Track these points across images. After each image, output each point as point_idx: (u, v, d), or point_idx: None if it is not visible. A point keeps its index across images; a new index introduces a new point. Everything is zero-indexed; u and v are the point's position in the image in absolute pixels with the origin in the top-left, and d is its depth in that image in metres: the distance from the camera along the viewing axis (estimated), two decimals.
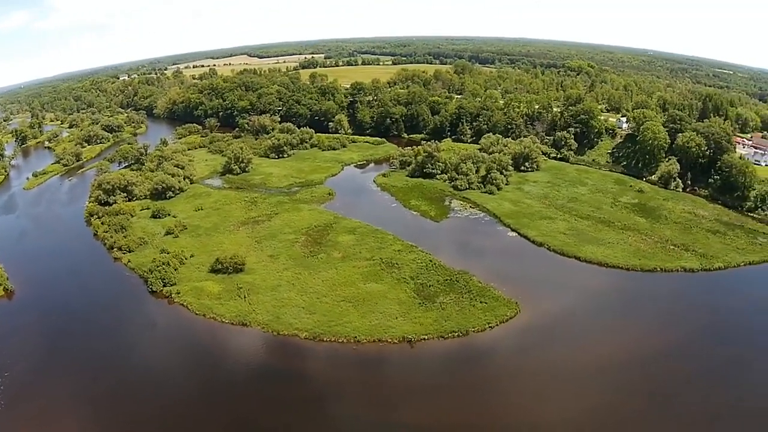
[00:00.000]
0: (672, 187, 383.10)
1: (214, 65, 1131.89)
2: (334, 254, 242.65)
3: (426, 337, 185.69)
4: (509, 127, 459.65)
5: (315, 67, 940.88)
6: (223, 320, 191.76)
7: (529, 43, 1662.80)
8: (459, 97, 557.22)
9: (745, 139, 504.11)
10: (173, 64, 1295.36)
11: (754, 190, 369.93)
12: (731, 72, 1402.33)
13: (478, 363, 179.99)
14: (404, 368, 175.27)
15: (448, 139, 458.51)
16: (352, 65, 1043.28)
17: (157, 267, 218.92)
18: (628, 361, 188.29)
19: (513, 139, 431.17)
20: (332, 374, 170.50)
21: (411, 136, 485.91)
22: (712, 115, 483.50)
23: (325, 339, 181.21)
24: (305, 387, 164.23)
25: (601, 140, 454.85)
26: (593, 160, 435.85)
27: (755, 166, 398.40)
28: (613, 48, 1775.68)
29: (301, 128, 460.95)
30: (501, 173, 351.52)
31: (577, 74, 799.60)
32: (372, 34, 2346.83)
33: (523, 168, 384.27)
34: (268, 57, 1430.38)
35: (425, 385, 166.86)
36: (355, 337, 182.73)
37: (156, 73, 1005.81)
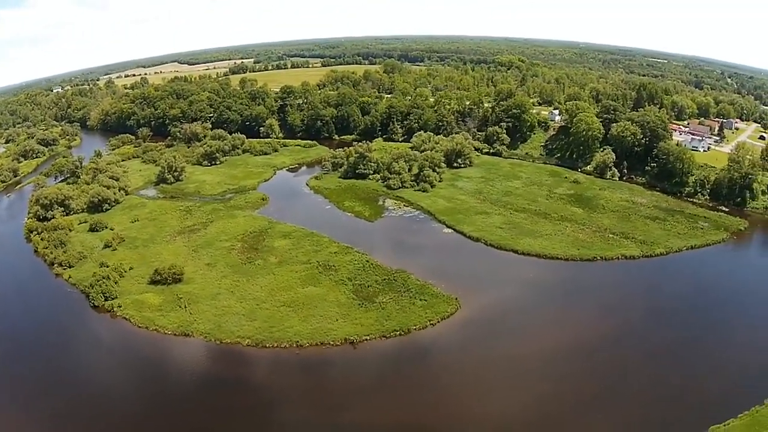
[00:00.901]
0: (608, 177, 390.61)
1: (145, 74, 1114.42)
2: (270, 259, 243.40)
3: (368, 338, 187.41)
4: (440, 124, 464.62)
5: (245, 72, 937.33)
6: (166, 332, 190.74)
7: (458, 40, 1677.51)
8: (389, 96, 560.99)
9: (681, 126, 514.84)
10: (105, 75, 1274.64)
11: (693, 175, 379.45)
12: (666, 61, 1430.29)
13: (421, 360, 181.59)
14: (348, 370, 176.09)
15: (380, 138, 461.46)
16: (281, 69, 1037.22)
17: (98, 281, 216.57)
18: (572, 350, 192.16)
19: (444, 136, 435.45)
20: (277, 380, 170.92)
21: (342, 137, 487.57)
22: (646, 104, 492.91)
23: (267, 345, 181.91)
24: (252, 394, 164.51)
25: (534, 134, 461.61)
26: (526, 153, 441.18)
27: (693, 152, 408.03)
28: (545, 42, 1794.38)
29: (233, 134, 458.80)
30: (434, 171, 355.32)
31: (508, 69, 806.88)
32: (301, 37, 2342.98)
33: (455, 164, 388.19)
34: (198, 64, 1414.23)
35: (370, 385, 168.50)
36: (298, 341, 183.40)
37: (89, 85, 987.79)
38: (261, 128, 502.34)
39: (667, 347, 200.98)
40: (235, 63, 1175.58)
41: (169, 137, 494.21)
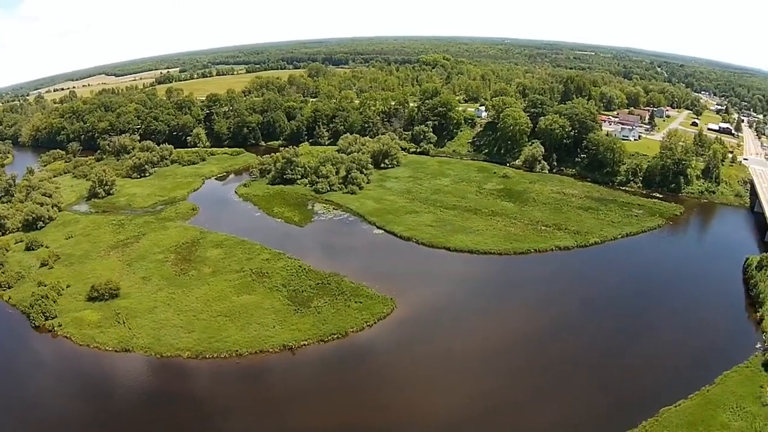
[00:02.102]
0: (538, 170, 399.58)
1: (74, 87, 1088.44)
2: (204, 270, 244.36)
3: (306, 343, 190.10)
4: (366, 125, 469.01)
5: (171, 82, 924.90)
6: (107, 348, 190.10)
7: (383, 41, 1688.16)
8: (314, 100, 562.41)
9: (611, 117, 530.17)
10: (35, 90, 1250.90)
11: (624, 164, 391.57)
12: (593, 53, 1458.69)
13: (361, 362, 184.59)
14: (289, 376, 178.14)
15: (306, 143, 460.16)
16: (207, 77, 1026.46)
17: (37, 301, 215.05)
18: (512, 343, 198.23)
19: (371, 137, 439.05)
20: (219, 390, 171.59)
21: (269, 143, 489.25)
22: (574, 96, 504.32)
23: (207, 356, 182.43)
24: (195, 406, 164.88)
25: (461, 131, 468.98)
26: (454, 151, 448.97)
27: (623, 141, 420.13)
28: (470, 39, 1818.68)
29: (161, 145, 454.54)
30: (361, 172, 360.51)
31: (433, 68, 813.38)
32: (226, 44, 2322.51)
33: (383, 165, 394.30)
34: (125, 75, 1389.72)
35: (312, 389, 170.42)
36: (237, 350, 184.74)
37: (19, 101, 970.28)
38: (188, 138, 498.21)
39: (608, 335, 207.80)
40: (161, 73, 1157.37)
41: (99, 151, 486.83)
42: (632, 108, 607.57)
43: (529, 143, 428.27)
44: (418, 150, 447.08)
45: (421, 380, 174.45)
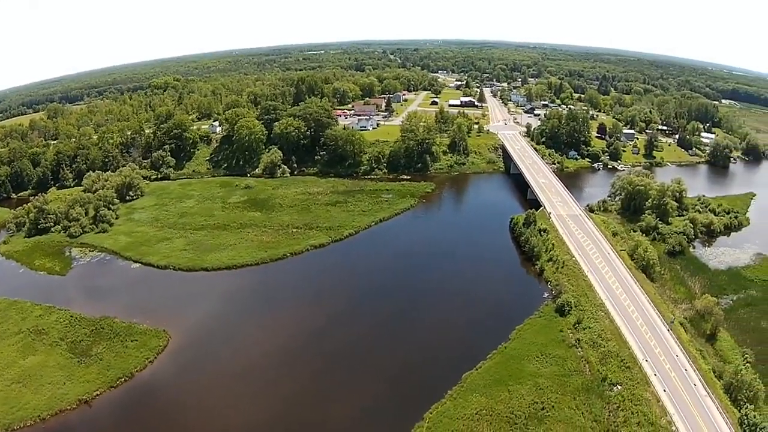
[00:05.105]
0: (279, 175, 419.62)
1: None
2: None
3: (98, 393, 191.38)
4: (107, 160, 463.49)
5: None
6: None
7: (114, 71, 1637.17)
8: (56, 142, 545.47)
9: (346, 111, 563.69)
10: None
11: (366, 154, 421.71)
12: (323, 51, 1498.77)
13: (154, 399, 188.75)
14: (91, 429, 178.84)
15: (53, 188, 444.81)
16: None
17: None
18: (293, 348, 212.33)
19: (113, 171, 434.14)
20: None
21: (20, 194, 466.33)
22: (307, 96, 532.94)
23: (16, 427, 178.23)
24: None
25: (198, 149, 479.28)
26: (194, 171, 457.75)
27: (362, 132, 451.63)
28: (198, 56, 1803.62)
29: None
30: (109, 209, 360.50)
31: (165, 91, 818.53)
32: None
33: (128, 197, 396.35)
34: None
35: None
36: (39, 415, 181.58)
37: None
38: None
39: (393, 319, 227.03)
40: None
41: None
42: (367, 98, 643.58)
43: (267, 150, 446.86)
44: (160, 176, 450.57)
45: (216, 402, 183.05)
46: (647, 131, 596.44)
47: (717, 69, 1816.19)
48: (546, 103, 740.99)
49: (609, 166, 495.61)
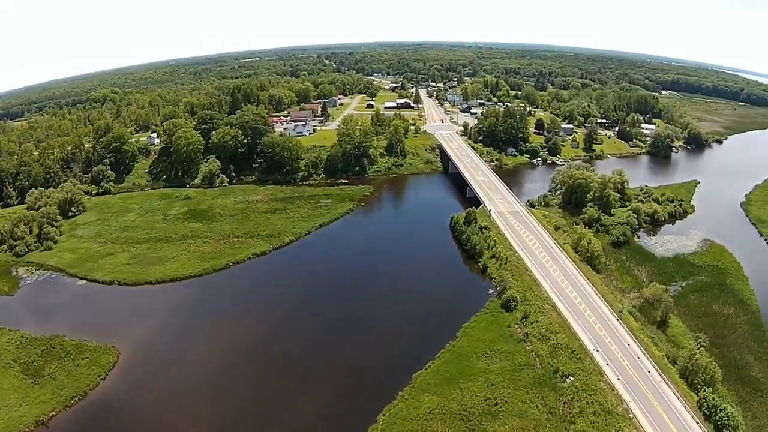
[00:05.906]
0: (218, 185, 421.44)
1: None
2: None
3: (54, 413, 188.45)
4: (48, 176, 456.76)
5: None
6: None
7: (53, 85, 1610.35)
8: None
9: (282, 117, 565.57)
10: None
11: (303, 160, 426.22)
12: (258, 59, 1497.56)
13: (108, 417, 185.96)
14: None
15: None
16: None
17: None
18: (242, 355, 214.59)
19: (54, 187, 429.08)
20: None
21: None
22: (243, 104, 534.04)
23: None
24: None
25: (137, 162, 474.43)
26: (134, 184, 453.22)
27: (298, 138, 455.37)
28: (135, 68, 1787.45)
29: None
30: (52, 226, 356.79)
31: (103, 104, 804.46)
32: None
33: (71, 213, 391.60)
34: None
35: None
36: None
37: None
38: None
39: (340, 323, 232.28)
40: None
41: None
42: (303, 104, 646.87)
43: (205, 160, 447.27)
44: (101, 190, 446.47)
45: (171, 414, 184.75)
46: (586, 125, 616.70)
47: (656, 61, 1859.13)
48: (482, 101, 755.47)
49: (548, 161, 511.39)
